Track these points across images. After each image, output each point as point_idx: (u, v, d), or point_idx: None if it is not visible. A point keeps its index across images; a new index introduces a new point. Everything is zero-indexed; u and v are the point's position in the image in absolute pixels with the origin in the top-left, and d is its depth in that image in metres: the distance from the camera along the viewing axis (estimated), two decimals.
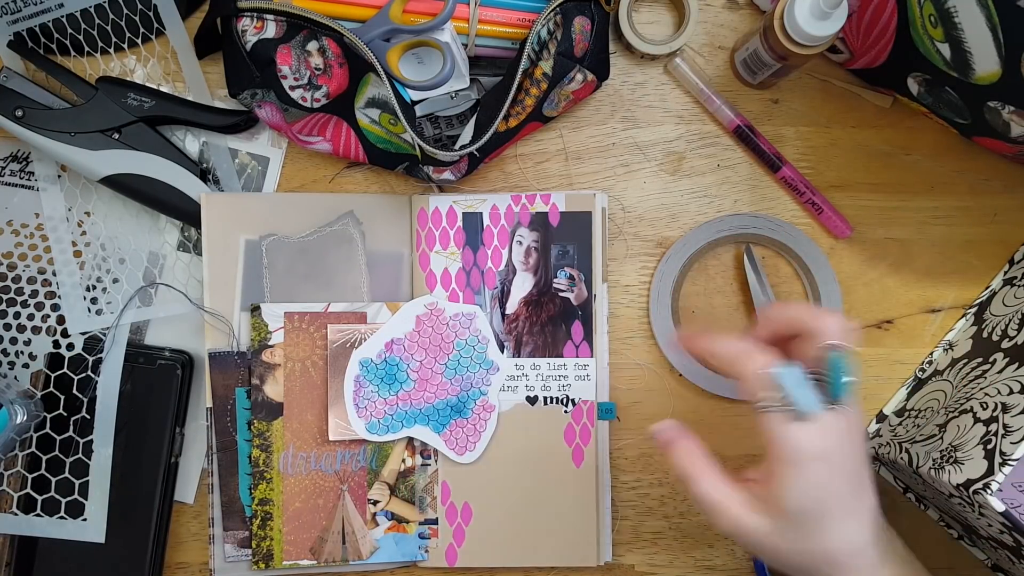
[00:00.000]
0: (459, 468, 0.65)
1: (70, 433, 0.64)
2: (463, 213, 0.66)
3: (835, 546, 0.49)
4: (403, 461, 0.65)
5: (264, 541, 0.64)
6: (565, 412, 0.66)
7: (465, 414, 0.63)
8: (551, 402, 0.66)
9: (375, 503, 0.65)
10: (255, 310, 0.64)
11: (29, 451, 0.64)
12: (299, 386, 0.64)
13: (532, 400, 0.66)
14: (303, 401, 0.64)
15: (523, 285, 0.66)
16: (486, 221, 0.66)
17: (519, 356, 0.66)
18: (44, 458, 0.64)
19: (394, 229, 0.66)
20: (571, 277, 0.66)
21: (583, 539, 0.65)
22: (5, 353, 0.65)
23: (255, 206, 0.65)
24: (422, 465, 0.65)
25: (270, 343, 0.64)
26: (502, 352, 0.66)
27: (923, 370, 0.68)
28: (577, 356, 0.66)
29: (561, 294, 0.66)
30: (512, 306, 0.66)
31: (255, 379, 0.64)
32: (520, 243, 0.66)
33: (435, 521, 0.65)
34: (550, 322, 0.66)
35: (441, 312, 0.60)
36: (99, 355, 0.64)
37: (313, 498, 0.64)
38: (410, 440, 0.65)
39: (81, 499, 0.64)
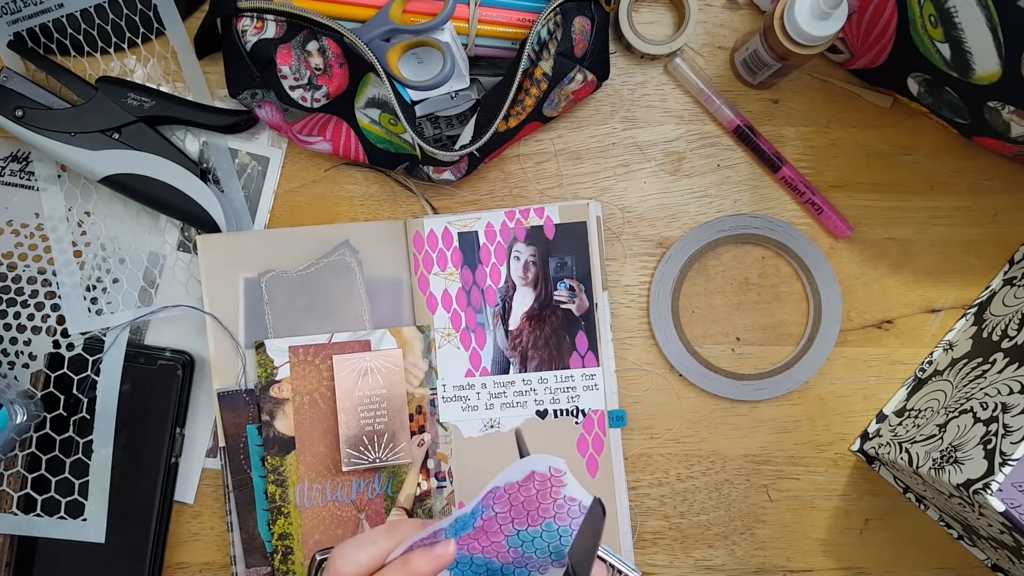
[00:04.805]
0: (475, 488, 0.64)
1: (70, 433, 0.64)
2: (458, 233, 0.66)
3: None
4: (419, 485, 0.65)
5: None
6: (576, 423, 0.66)
7: None
8: (561, 414, 0.66)
9: None
10: (259, 347, 0.64)
11: (29, 451, 0.64)
12: (309, 419, 0.64)
13: (542, 414, 0.66)
14: (314, 434, 0.64)
15: (524, 300, 0.66)
16: (482, 239, 0.66)
17: (526, 371, 0.66)
18: (44, 458, 0.64)
19: (391, 255, 0.66)
20: (571, 288, 0.66)
21: None
22: (5, 353, 0.65)
23: (251, 244, 0.65)
24: (438, 488, 0.65)
25: (277, 378, 0.64)
26: (508, 371, 0.66)
27: (923, 370, 0.68)
28: (583, 366, 0.66)
29: (563, 306, 0.66)
30: (515, 322, 0.66)
31: (265, 415, 0.64)
32: (518, 258, 0.66)
33: None
34: (554, 335, 0.66)
35: (560, 485, 0.46)
36: (99, 355, 0.64)
37: (332, 529, 0.64)
38: (424, 463, 0.65)
39: (81, 499, 0.64)
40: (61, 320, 0.65)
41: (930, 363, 0.68)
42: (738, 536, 0.68)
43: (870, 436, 0.67)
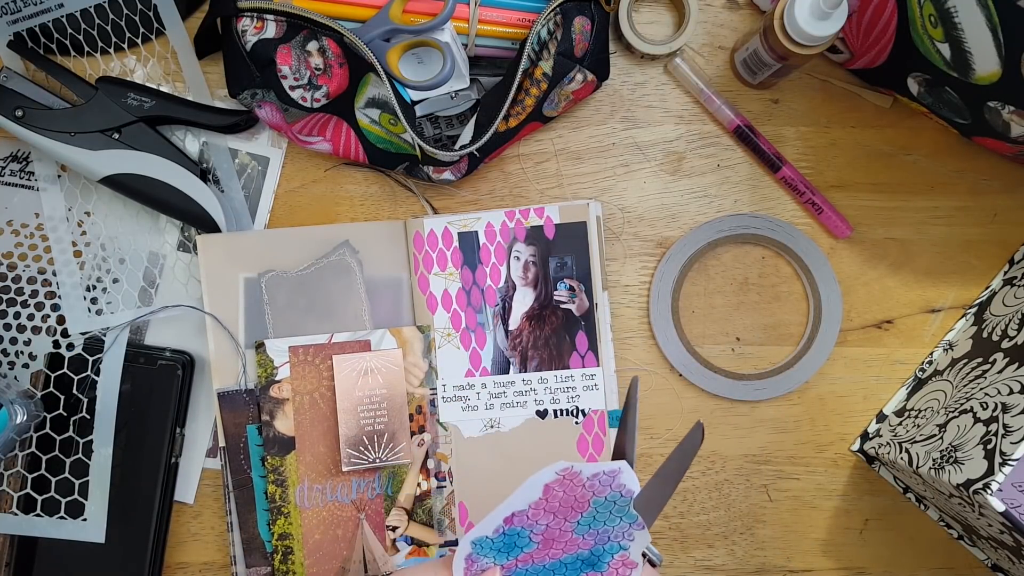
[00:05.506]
0: (475, 488, 0.65)
1: (70, 433, 0.64)
2: (458, 233, 0.66)
3: None
4: (419, 485, 0.65)
5: None
6: (576, 424, 0.66)
7: (600, 567, 0.51)
8: (561, 415, 0.66)
9: (394, 529, 0.65)
10: (259, 347, 0.64)
11: (29, 451, 0.64)
12: (309, 419, 0.64)
13: (542, 414, 0.66)
14: (314, 434, 0.64)
15: (524, 300, 0.66)
16: (482, 239, 0.66)
17: (526, 371, 0.66)
18: (44, 458, 0.64)
19: (391, 255, 0.66)
20: (571, 288, 0.66)
21: None
22: (5, 353, 0.65)
23: (251, 244, 0.65)
24: (438, 488, 0.65)
25: (277, 378, 0.64)
26: (508, 371, 0.66)
27: (923, 370, 0.68)
28: (583, 366, 0.66)
29: (563, 306, 0.66)
30: (515, 322, 0.66)
31: (265, 415, 0.64)
32: (518, 258, 0.66)
33: (455, 543, 0.65)
34: (554, 335, 0.66)
35: (576, 475, 0.48)
36: (99, 355, 0.64)
37: (332, 529, 0.64)
38: (424, 463, 0.65)
39: (81, 499, 0.64)
40: (61, 320, 0.65)
41: (930, 363, 0.68)
42: (738, 536, 0.68)
43: (870, 436, 0.67)
